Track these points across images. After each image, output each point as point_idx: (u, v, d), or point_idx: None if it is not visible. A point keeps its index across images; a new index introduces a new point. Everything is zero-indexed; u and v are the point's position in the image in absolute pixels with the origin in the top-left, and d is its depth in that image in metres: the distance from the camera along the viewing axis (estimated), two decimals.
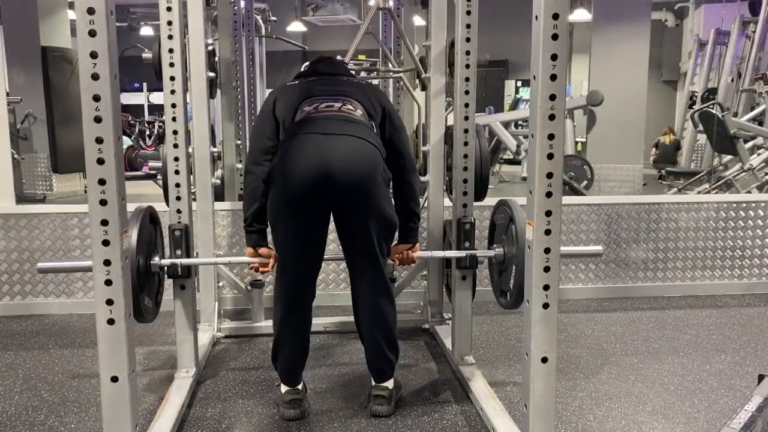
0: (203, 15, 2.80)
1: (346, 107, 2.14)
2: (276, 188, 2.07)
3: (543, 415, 1.75)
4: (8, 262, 3.38)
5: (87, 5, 1.50)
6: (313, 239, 2.14)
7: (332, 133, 2.05)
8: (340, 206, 2.11)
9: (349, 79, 2.33)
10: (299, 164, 2.01)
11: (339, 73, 2.33)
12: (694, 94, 8.54)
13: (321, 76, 2.30)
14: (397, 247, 2.36)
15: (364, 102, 2.21)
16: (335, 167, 2.00)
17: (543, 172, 1.62)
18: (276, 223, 2.13)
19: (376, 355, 2.26)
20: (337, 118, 2.10)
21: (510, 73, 12.82)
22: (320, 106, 2.12)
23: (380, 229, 2.14)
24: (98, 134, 1.55)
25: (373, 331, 2.23)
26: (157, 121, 9.66)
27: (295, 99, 2.20)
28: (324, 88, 2.22)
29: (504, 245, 2.33)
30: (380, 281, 2.19)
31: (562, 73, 1.58)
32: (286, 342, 2.22)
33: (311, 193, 2.03)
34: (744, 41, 7.60)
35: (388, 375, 2.29)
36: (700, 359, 2.82)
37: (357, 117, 2.13)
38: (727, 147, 5.88)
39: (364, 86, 2.32)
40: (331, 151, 2.01)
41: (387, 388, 2.28)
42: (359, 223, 2.11)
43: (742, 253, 3.80)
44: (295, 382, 2.29)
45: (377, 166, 2.08)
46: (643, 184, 7.00)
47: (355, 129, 2.09)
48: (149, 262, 2.22)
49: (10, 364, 2.77)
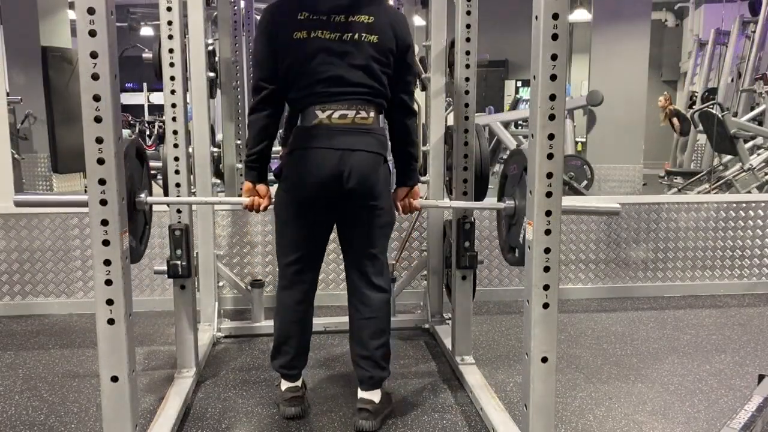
0: (203, 15, 2.80)
1: (360, 116, 2.09)
2: (289, 192, 2.15)
3: (543, 415, 1.75)
4: (8, 262, 3.38)
5: (87, 5, 1.50)
6: (317, 238, 2.22)
7: (347, 148, 2.07)
8: (344, 209, 2.16)
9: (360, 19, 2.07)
10: (315, 174, 2.07)
11: (350, 5, 2.08)
12: (694, 94, 8.53)
13: (330, 18, 2.06)
14: (398, 192, 2.31)
15: (378, 68, 2.08)
16: (345, 177, 2.06)
17: (543, 172, 1.62)
18: (283, 222, 2.20)
19: (365, 358, 2.19)
20: (351, 132, 2.09)
21: (510, 73, 12.79)
22: (334, 114, 2.07)
23: (379, 228, 2.19)
24: (98, 134, 1.56)
25: (363, 328, 2.22)
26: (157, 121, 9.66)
27: (304, 68, 2.07)
28: (337, 51, 2.05)
29: (515, 197, 2.12)
30: (376, 277, 2.21)
31: (562, 73, 1.58)
32: (289, 337, 2.24)
33: (325, 197, 2.10)
34: (744, 41, 7.59)
35: (376, 382, 2.20)
36: (700, 359, 2.81)
37: (368, 125, 2.11)
38: (727, 147, 5.87)
39: (379, 42, 2.08)
40: (342, 165, 2.06)
41: (372, 401, 2.19)
42: (359, 218, 2.17)
43: (742, 253, 3.80)
44: (295, 378, 2.29)
45: (379, 169, 2.14)
46: (644, 184, 7.00)
47: (365, 143, 2.10)
48: (134, 199, 2.03)
49: (10, 364, 2.76)
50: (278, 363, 2.28)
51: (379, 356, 2.20)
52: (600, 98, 6.70)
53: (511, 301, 3.63)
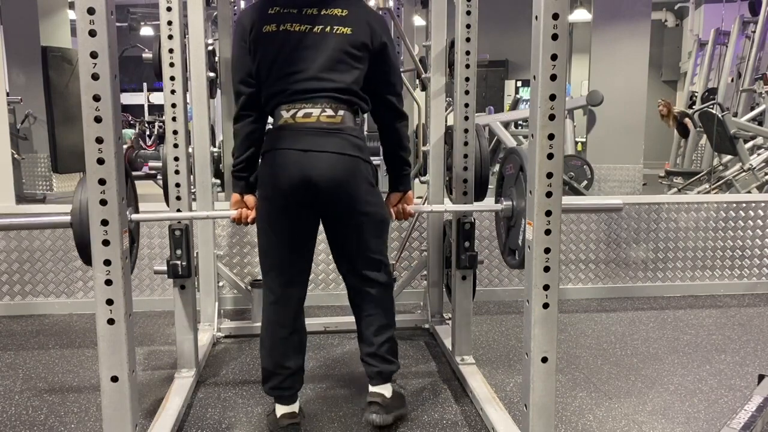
0: (203, 15, 2.79)
1: (325, 114, 1.98)
2: (264, 193, 2.04)
3: (543, 415, 1.75)
4: (8, 262, 3.38)
5: (87, 5, 1.50)
6: (302, 244, 2.09)
7: (310, 150, 1.96)
8: (326, 215, 2.08)
9: (333, 11, 2.01)
10: (283, 177, 1.97)
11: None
12: (694, 94, 8.53)
13: (301, 11, 2.01)
14: (390, 198, 2.25)
15: (350, 63, 2.00)
16: (315, 179, 1.95)
17: (543, 172, 1.62)
18: (265, 229, 2.08)
19: (372, 355, 2.16)
20: (316, 132, 1.97)
21: (510, 73, 12.80)
22: (298, 113, 1.98)
23: (370, 227, 2.08)
24: (98, 134, 1.56)
25: (369, 325, 2.15)
26: (157, 121, 9.66)
27: (272, 64, 2.00)
28: (306, 44, 1.98)
29: (513, 198, 2.13)
30: (376, 272, 2.14)
31: (562, 73, 1.58)
32: (281, 357, 2.09)
33: (298, 198, 1.99)
34: (744, 41, 7.59)
35: (386, 376, 2.17)
36: (700, 359, 2.81)
37: (336, 125, 1.99)
38: (727, 147, 5.87)
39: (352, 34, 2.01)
40: (310, 166, 1.95)
41: (382, 395, 2.14)
42: (347, 226, 2.08)
43: (742, 253, 3.80)
44: (291, 400, 2.14)
45: (356, 173, 2.01)
46: (644, 184, 7.00)
47: (332, 143, 1.98)
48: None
49: (10, 364, 2.77)
50: (270, 385, 2.12)
51: (385, 351, 2.15)
52: (600, 98, 6.71)
53: (511, 301, 3.63)
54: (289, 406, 2.13)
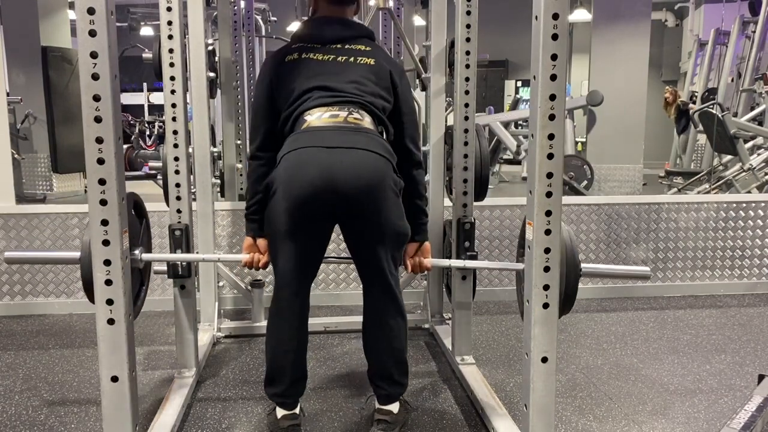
0: (203, 15, 2.80)
1: (353, 116, 1.92)
2: (277, 203, 1.90)
3: (543, 415, 1.75)
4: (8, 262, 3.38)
5: (87, 5, 1.51)
6: (313, 257, 2.02)
7: (338, 146, 1.85)
8: (347, 221, 1.96)
9: (357, 47, 2.03)
10: (302, 180, 1.84)
11: (347, 37, 2.05)
12: (694, 94, 8.53)
13: (325, 45, 2.03)
14: (407, 249, 2.12)
15: (374, 87, 1.99)
16: (340, 181, 1.83)
17: (543, 172, 1.62)
18: (275, 238, 1.97)
19: (383, 378, 2.07)
20: (343, 129, 1.89)
21: (510, 73, 12.81)
22: (324, 116, 1.91)
23: (391, 243, 1.97)
24: (98, 134, 1.56)
25: (381, 351, 2.06)
26: (157, 121, 9.66)
27: (294, 85, 1.98)
28: (329, 68, 1.99)
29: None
30: (391, 298, 2.02)
31: (562, 73, 1.58)
32: (284, 366, 2.05)
33: (316, 209, 1.88)
34: (744, 41, 7.59)
35: (394, 398, 2.10)
36: (700, 359, 2.82)
37: (364, 126, 1.92)
38: (727, 147, 5.87)
39: (376, 65, 2.02)
40: (335, 165, 1.83)
41: (391, 412, 2.08)
42: (368, 238, 1.95)
43: (742, 253, 3.80)
44: (292, 406, 2.10)
45: (386, 177, 1.89)
46: (644, 184, 7.01)
47: (362, 140, 1.88)
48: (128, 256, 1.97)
49: (10, 364, 2.77)
50: (272, 391, 2.09)
51: (397, 374, 2.07)
52: (600, 98, 6.72)
53: (511, 301, 3.62)
54: (291, 410, 2.11)
